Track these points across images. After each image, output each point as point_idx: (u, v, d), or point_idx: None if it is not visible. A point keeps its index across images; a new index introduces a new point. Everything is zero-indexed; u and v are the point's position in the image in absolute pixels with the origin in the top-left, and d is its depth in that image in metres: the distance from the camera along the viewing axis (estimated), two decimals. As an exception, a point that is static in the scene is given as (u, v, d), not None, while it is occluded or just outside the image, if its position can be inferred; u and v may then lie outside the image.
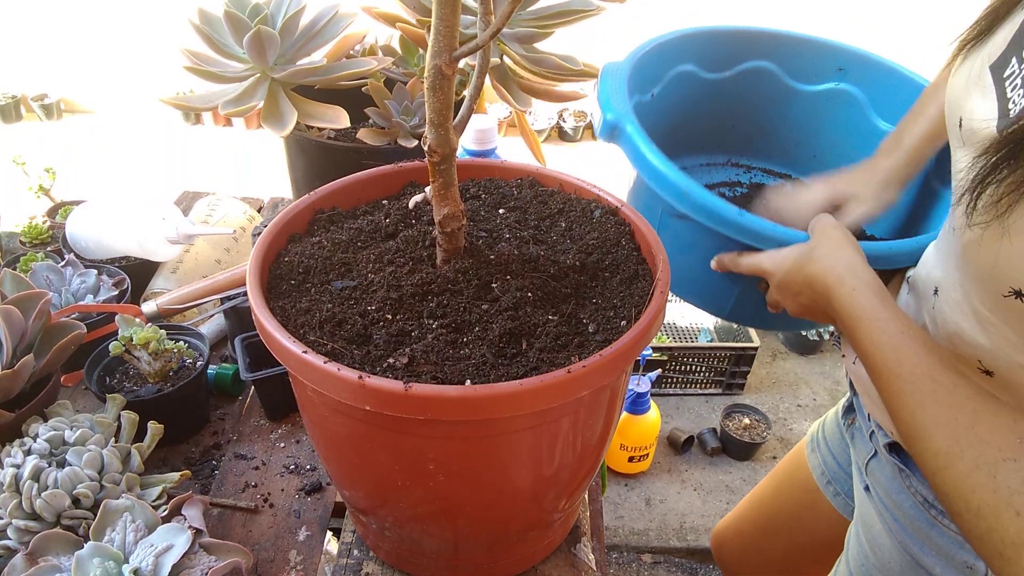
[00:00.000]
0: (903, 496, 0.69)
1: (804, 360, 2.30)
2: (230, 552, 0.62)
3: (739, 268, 0.70)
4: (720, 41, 0.91)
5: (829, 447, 0.91)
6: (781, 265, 0.65)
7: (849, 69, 0.91)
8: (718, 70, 0.93)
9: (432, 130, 0.51)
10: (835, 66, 0.91)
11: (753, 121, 0.98)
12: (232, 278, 0.92)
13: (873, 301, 0.56)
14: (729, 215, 0.67)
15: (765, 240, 0.67)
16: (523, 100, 0.99)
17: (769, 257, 0.67)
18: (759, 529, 1.06)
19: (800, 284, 0.63)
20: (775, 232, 0.67)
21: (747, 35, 0.92)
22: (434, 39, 0.46)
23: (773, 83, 0.94)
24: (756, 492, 1.09)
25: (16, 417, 0.70)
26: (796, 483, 0.97)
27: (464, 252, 0.59)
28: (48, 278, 0.91)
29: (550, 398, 0.47)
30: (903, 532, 0.69)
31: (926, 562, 0.66)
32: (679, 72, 0.90)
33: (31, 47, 3.24)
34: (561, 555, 0.71)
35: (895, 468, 0.70)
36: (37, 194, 1.23)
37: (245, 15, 0.87)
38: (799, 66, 0.93)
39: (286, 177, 1.07)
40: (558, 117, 3.33)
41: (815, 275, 0.61)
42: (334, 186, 0.69)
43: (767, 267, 0.67)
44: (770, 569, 1.06)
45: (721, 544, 1.15)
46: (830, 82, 0.92)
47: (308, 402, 0.55)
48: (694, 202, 0.68)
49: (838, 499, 0.91)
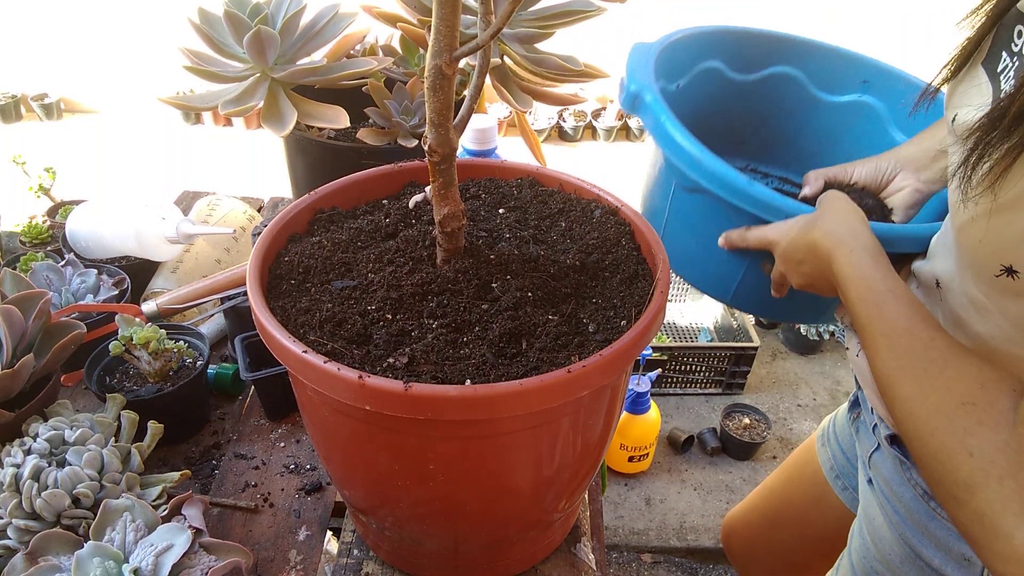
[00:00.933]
0: (904, 488, 0.69)
1: (804, 360, 2.30)
2: (230, 552, 0.62)
3: (746, 242, 0.71)
4: (750, 42, 0.92)
5: (839, 442, 0.92)
6: (786, 233, 0.66)
7: (873, 82, 0.91)
8: (745, 71, 0.93)
9: (432, 130, 0.51)
10: (860, 78, 0.92)
11: (774, 127, 0.98)
12: (232, 278, 0.92)
13: (866, 260, 0.57)
14: (739, 183, 0.68)
15: (773, 211, 0.68)
16: (523, 100, 0.99)
17: (775, 227, 0.68)
18: (768, 520, 1.07)
19: (804, 251, 0.63)
20: (783, 203, 0.68)
21: (776, 40, 0.92)
22: (434, 39, 0.47)
23: (798, 90, 0.94)
24: (767, 483, 1.09)
25: (16, 417, 0.70)
26: (806, 476, 0.98)
27: (464, 252, 0.59)
28: (48, 278, 0.91)
29: (550, 398, 0.47)
30: (903, 524, 0.70)
31: (925, 554, 0.67)
32: (706, 68, 0.91)
33: (31, 47, 3.24)
34: (561, 555, 0.71)
35: (896, 460, 0.70)
36: (37, 194, 1.23)
37: (245, 15, 0.87)
38: (825, 76, 0.93)
39: (286, 177, 1.07)
40: (558, 117, 3.33)
41: (817, 240, 0.61)
42: (334, 186, 0.69)
43: (772, 236, 0.67)
44: (778, 560, 1.07)
45: (730, 534, 1.16)
46: (854, 94, 0.93)
47: (308, 402, 0.55)
48: (707, 170, 0.69)
49: (846, 493, 0.91)
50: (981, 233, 0.48)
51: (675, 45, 0.84)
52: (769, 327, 2.39)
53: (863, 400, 0.81)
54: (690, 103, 0.89)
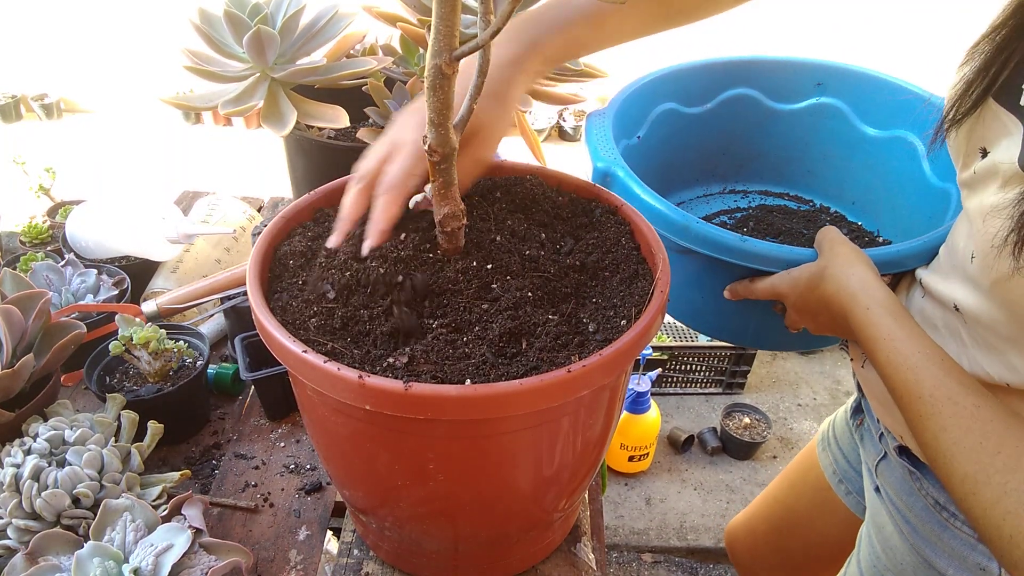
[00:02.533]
0: (914, 499, 0.68)
1: (804, 359, 2.29)
2: (230, 552, 0.62)
3: (754, 294, 0.70)
4: (696, 76, 0.93)
5: (840, 446, 0.91)
6: (795, 287, 0.65)
7: (827, 83, 0.93)
8: (699, 103, 0.95)
9: (432, 130, 0.51)
10: (813, 82, 0.93)
11: (742, 147, 0.99)
12: (232, 278, 0.92)
13: (888, 321, 0.55)
14: (732, 242, 0.67)
15: (772, 262, 0.67)
16: (523, 100, 0.99)
17: (781, 279, 0.67)
18: (772, 527, 1.06)
19: (816, 305, 0.63)
20: (780, 253, 0.67)
21: (721, 66, 0.94)
22: (434, 38, 0.46)
23: (755, 107, 0.96)
24: (769, 490, 1.09)
25: (16, 417, 0.70)
26: (808, 482, 0.98)
27: (464, 252, 0.59)
28: (48, 278, 0.91)
29: (550, 398, 0.47)
30: (915, 535, 0.69)
31: (939, 564, 0.66)
32: (661, 111, 0.92)
33: (31, 47, 3.24)
34: (561, 555, 0.71)
35: (905, 470, 0.69)
36: (37, 194, 1.23)
37: (245, 15, 0.87)
38: (778, 87, 0.95)
39: (286, 177, 1.07)
40: (558, 117, 3.33)
41: (830, 295, 0.61)
42: (334, 186, 0.69)
43: (781, 289, 0.67)
44: (784, 567, 1.07)
45: (734, 541, 1.16)
46: (811, 98, 0.94)
47: (308, 402, 0.55)
48: (696, 234, 0.68)
49: (850, 498, 0.91)
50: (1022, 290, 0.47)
51: (625, 103, 0.86)
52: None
53: (867, 408, 0.81)
54: (654, 148, 0.92)
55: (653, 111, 0.92)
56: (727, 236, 0.67)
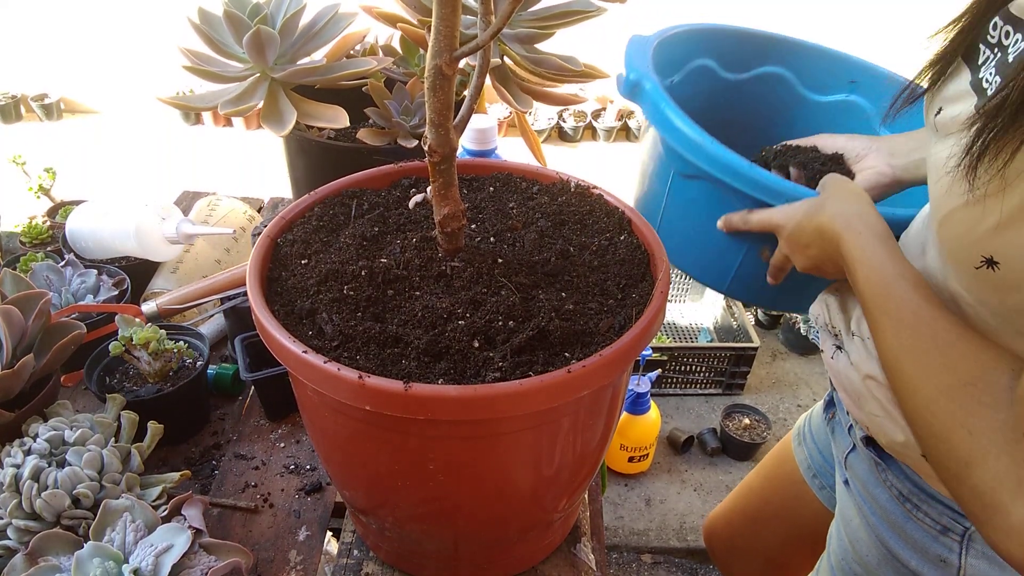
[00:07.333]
0: (879, 490, 0.70)
1: (804, 360, 2.29)
2: (230, 552, 0.62)
3: (749, 224, 0.70)
4: (741, 41, 0.93)
5: (815, 441, 0.92)
6: (792, 216, 0.66)
7: (861, 82, 0.92)
8: (736, 70, 0.94)
9: (432, 130, 0.51)
10: (848, 78, 0.92)
11: (762, 126, 0.98)
12: (232, 278, 0.92)
13: (875, 243, 0.57)
14: (742, 167, 0.68)
15: (776, 194, 0.68)
16: (523, 101, 0.99)
17: (780, 210, 0.68)
18: (748, 519, 1.07)
19: (810, 234, 0.63)
20: (786, 187, 0.68)
21: (767, 40, 0.93)
22: (434, 39, 0.46)
23: (787, 90, 0.95)
24: (745, 483, 1.09)
25: (16, 417, 0.70)
26: (783, 475, 0.98)
27: (464, 252, 0.59)
28: (48, 278, 0.91)
29: (550, 398, 0.47)
30: (880, 526, 0.70)
31: (902, 556, 0.68)
32: (699, 65, 0.92)
33: (31, 47, 3.24)
34: (561, 555, 0.71)
35: (872, 462, 0.70)
36: (37, 194, 1.23)
37: (245, 15, 0.87)
38: (813, 76, 0.94)
39: (286, 177, 1.06)
40: (558, 117, 3.33)
41: (825, 223, 0.61)
42: (334, 186, 0.69)
43: (778, 220, 0.67)
44: (759, 559, 1.07)
45: (712, 533, 1.16)
46: (842, 93, 0.93)
47: (308, 402, 0.55)
48: (708, 154, 0.69)
49: (823, 492, 0.91)
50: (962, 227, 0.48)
51: (670, 40, 0.85)
52: (769, 327, 2.39)
53: (838, 401, 0.81)
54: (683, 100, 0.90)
55: (692, 62, 0.91)
56: (737, 160, 0.68)
